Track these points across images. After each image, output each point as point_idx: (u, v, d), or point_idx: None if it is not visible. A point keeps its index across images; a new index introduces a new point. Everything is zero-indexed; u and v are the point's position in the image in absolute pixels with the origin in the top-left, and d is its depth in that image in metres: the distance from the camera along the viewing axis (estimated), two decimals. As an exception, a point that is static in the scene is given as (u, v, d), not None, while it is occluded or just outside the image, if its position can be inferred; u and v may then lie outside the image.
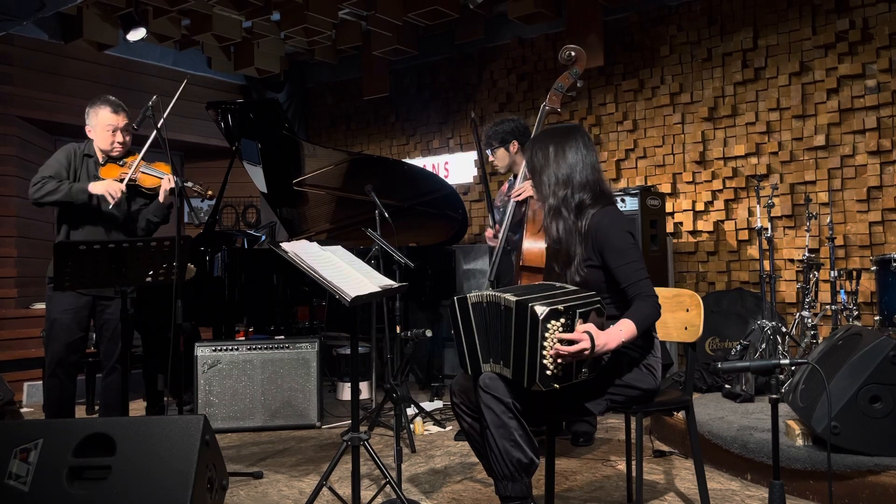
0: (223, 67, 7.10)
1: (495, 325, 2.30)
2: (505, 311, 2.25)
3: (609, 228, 2.40)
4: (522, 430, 2.26)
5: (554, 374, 2.17)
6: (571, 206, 2.47)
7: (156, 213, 3.72)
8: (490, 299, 2.32)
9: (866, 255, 4.68)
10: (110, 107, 3.62)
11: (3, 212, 5.93)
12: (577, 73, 3.51)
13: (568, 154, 2.50)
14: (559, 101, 3.55)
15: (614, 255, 2.38)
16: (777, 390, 2.16)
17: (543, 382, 2.17)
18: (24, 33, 5.89)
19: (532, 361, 2.17)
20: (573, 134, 2.55)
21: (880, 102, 4.69)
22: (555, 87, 3.53)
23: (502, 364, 2.28)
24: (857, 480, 2.80)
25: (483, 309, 2.34)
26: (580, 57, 3.48)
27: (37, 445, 2.44)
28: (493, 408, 2.25)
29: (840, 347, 3.11)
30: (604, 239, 2.40)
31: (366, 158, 5.35)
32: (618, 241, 2.39)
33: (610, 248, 2.39)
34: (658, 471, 3.41)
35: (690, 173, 5.46)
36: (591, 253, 2.43)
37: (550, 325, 2.14)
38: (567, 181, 2.48)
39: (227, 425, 4.37)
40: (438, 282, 5.44)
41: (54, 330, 3.51)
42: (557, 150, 2.50)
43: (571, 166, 2.49)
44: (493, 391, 2.26)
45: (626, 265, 2.37)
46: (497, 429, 2.25)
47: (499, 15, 6.20)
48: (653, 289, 2.38)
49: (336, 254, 2.78)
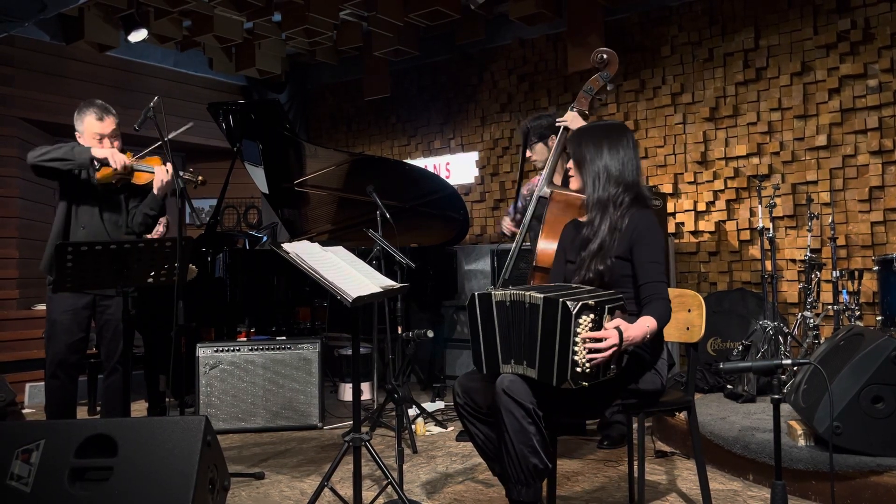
0: (224, 68, 7.10)
1: (519, 325, 2.27)
2: (531, 308, 2.23)
3: (647, 229, 2.44)
4: (540, 435, 2.25)
5: (584, 372, 2.15)
6: (618, 204, 2.49)
7: (152, 206, 3.64)
8: (514, 297, 2.28)
9: (868, 255, 4.67)
10: (95, 114, 3.55)
11: (4, 213, 5.93)
12: (608, 77, 3.48)
13: (620, 151, 2.51)
14: (587, 103, 3.54)
15: (645, 250, 2.42)
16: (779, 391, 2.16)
17: (574, 380, 2.15)
18: (26, 34, 5.89)
19: (563, 359, 2.15)
20: (625, 132, 2.57)
21: (882, 102, 4.68)
22: (584, 89, 3.52)
23: (526, 364, 2.25)
24: (859, 481, 2.79)
25: (507, 307, 2.30)
26: (612, 60, 3.45)
27: (38, 446, 2.44)
28: (514, 412, 2.22)
29: (842, 348, 3.11)
30: (639, 236, 2.43)
31: (367, 159, 5.35)
32: (651, 241, 2.43)
33: (643, 243, 2.42)
34: (660, 471, 3.41)
35: (692, 173, 5.46)
36: (623, 248, 2.45)
37: (581, 320, 2.13)
38: (619, 179, 2.50)
39: (229, 426, 4.37)
40: (440, 282, 5.44)
41: (55, 331, 3.50)
42: (610, 146, 2.52)
43: (623, 164, 2.51)
44: (514, 394, 2.22)
45: (651, 263, 2.41)
46: (516, 433, 2.22)
47: (500, 15, 6.19)
48: (668, 293, 2.43)
49: (337, 254, 2.78)
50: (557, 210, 3.41)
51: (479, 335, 2.35)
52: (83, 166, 3.47)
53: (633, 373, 2.42)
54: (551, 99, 6.19)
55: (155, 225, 3.78)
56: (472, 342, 2.38)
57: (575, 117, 3.53)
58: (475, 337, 2.36)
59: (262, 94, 7.58)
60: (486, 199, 6.65)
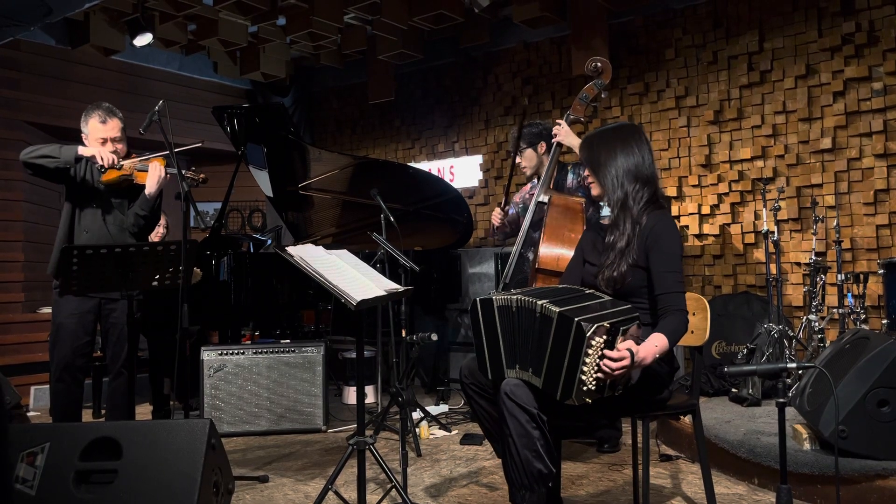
0: (229, 72, 7.13)
1: (527, 332, 2.26)
2: (542, 319, 2.21)
3: (663, 232, 2.41)
4: (545, 440, 2.24)
5: (589, 391, 2.15)
6: (638, 200, 2.47)
7: (142, 206, 3.60)
8: (521, 304, 2.27)
9: (873, 258, 4.66)
10: (99, 117, 3.56)
11: (10, 216, 5.96)
12: (602, 85, 3.54)
13: (634, 149, 2.50)
14: (583, 110, 3.60)
15: (661, 259, 2.39)
16: (784, 394, 2.16)
17: (578, 398, 2.14)
18: (31, 38, 5.92)
19: (570, 376, 2.13)
20: (635, 130, 2.57)
21: (887, 105, 4.67)
22: (579, 96, 3.58)
23: (531, 371, 2.24)
24: (864, 485, 2.78)
25: (512, 313, 2.30)
26: (606, 69, 3.53)
27: (43, 449, 2.45)
28: (518, 416, 2.22)
29: (847, 351, 3.10)
30: (655, 241, 2.40)
31: (371, 162, 5.36)
32: (668, 247, 2.40)
33: (659, 250, 2.39)
34: (664, 475, 3.40)
35: (696, 177, 5.45)
36: (639, 252, 2.42)
37: (595, 342, 2.11)
38: (636, 175, 2.48)
39: (233, 429, 4.38)
40: (444, 286, 5.44)
41: (60, 334, 3.51)
42: (623, 146, 2.50)
43: (638, 161, 2.49)
44: (518, 399, 2.22)
45: (668, 273, 2.38)
46: (520, 438, 2.22)
47: (504, 19, 6.20)
48: (685, 303, 2.40)
49: (341, 258, 2.78)
50: (558, 214, 3.45)
51: (482, 341, 2.35)
52: (68, 164, 3.49)
53: (649, 389, 2.42)
54: (555, 102, 6.19)
55: (148, 227, 3.74)
56: (476, 348, 2.37)
57: (567, 132, 3.59)
58: (479, 342, 2.36)
59: (266, 98, 7.60)
60: (489, 203, 6.65)
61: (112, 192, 3.62)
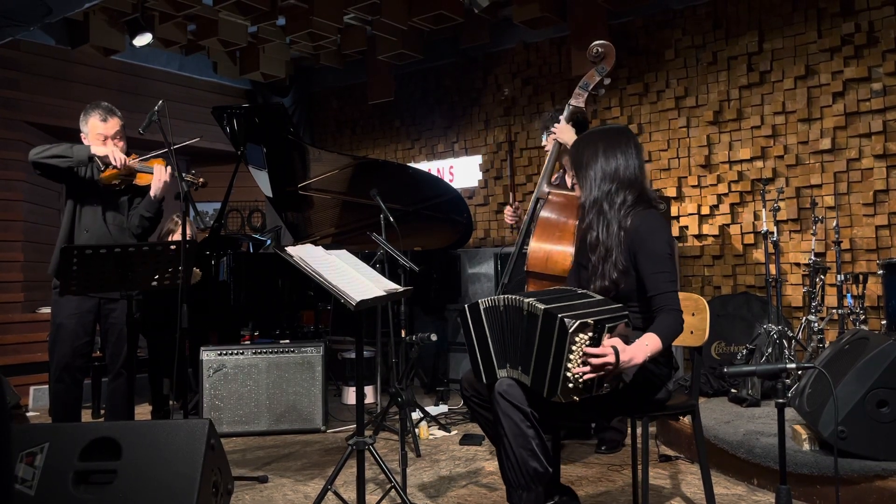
0: (229, 72, 7.12)
1: (516, 331, 2.26)
2: (529, 317, 2.22)
3: (648, 233, 2.38)
4: (539, 439, 2.24)
5: (575, 388, 2.15)
6: (615, 202, 2.43)
7: (147, 209, 3.63)
8: (509, 303, 2.28)
9: (873, 258, 4.66)
10: (99, 115, 3.57)
11: (10, 216, 5.96)
12: (605, 71, 3.33)
13: (616, 151, 2.47)
14: (584, 99, 3.43)
15: (649, 260, 2.35)
16: (783, 394, 2.16)
17: (564, 395, 2.14)
18: (31, 39, 5.92)
19: (555, 373, 2.14)
20: (623, 133, 2.54)
21: (886, 106, 4.67)
22: (580, 84, 3.40)
23: (520, 370, 2.25)
24: (864, 485, 2.78)
25: (500, 313, 2.31)
26: (608, 53, 3.32)
27: (43, 449, 2.45)
28: (512, 416, 2.22)
29: (847, 352, 3.10)
30: (641, 242, 2.37)
31: (371, 162, 5.36)
32: (654, 247, 2.36)
33: (646, 252, 2.36)
34: (664, 476, 3.40)
35: (696, 177, 5.45)
36: (626, 255, 2.39)
37: (578, 338, 2.11)
38: (613, 177, 2.45)
39: (233, 429, 4.38)
40: (443, 286, 5.44)
41: (60, 334, 3.51)
42: (606, 147, 2.48)
43: (618, 163, 2.46)
44: (511, 399, 2.23)
45: (658, 274, 2.34)
46: (515, 437, 2.22)
47: (504, 19, 6.20)
48: (679, 303, 2.37)
49: (341, 258, 2.78)
50: (552, 210, 3.34)
51: (474, 345, 2.36)
52: (82, 163, 3.50)
53: (645, 389, 2.41)
54: (555, 102, 6.19)
55: (152, 228, 3.75)
56: (470, 355, 2.39)
57: (564, 130, 3.48)
58: (471, 348, 2.37)
59: (266, 98, 7.61)
60: (489, 203, 6.66)
61: (111, 191, 3.62)
